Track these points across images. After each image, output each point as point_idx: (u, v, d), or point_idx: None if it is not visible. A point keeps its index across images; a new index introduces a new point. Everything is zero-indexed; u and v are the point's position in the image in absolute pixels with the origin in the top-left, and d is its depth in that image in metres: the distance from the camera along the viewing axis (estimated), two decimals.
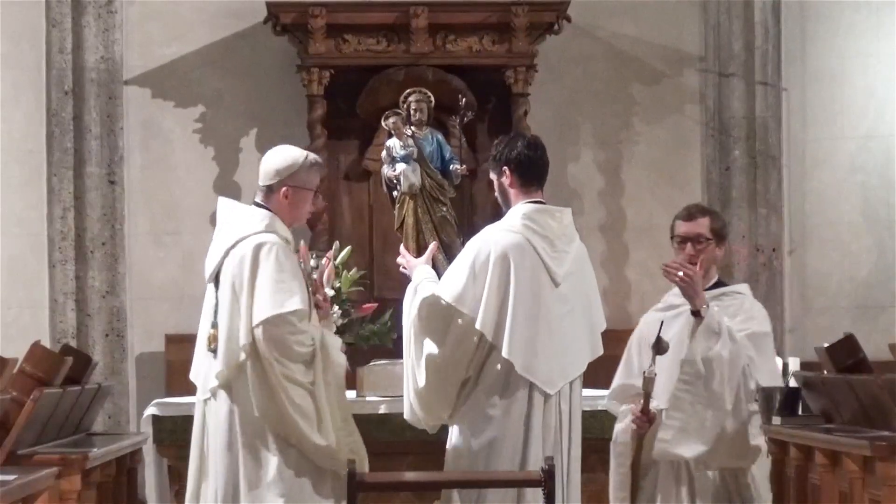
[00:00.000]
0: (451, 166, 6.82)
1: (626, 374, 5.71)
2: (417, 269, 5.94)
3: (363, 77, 9.11)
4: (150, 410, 7.74)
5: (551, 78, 9.52)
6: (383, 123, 7.06)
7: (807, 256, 9.68)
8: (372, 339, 8.25)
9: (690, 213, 5.70)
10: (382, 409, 7.48)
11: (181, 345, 8.54)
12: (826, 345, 7.26)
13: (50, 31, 9.37)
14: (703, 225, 5.64)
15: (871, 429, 6.58)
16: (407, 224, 6.45)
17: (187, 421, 6.89)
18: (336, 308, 8.14)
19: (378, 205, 9.39)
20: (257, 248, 5.53)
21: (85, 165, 9.40)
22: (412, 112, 7.02)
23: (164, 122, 9.58)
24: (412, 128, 7.14)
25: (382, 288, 9.25)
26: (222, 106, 9.57)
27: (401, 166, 6.49)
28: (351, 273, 8.33)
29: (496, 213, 9.34)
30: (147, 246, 9.56)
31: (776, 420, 7.47)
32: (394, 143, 6.81)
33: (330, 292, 8.04)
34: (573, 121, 9.71)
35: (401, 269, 6.15)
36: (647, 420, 5.46)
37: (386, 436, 7.19)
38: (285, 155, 5.75)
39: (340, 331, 8.13)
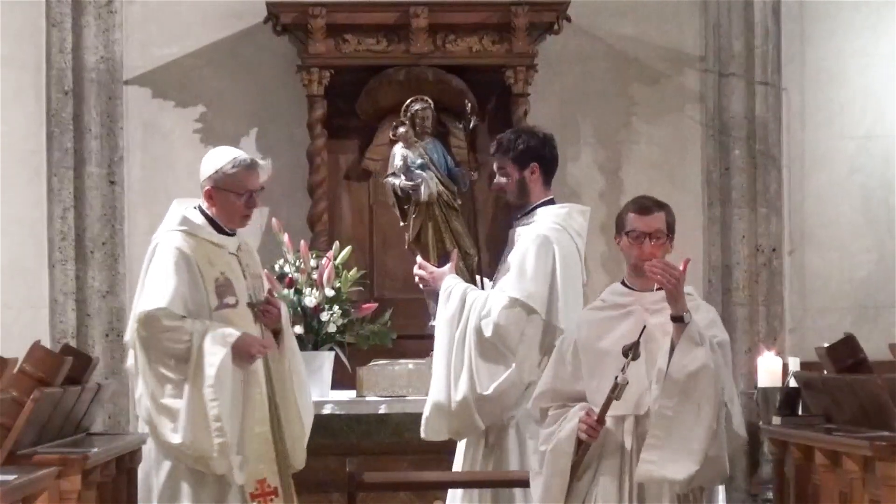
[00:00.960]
0: (461, 173, 6.72)
1: (558, 377, 5.31)
2: (448, 277, 5.97)
3: (363, 77, 9.11)
4: None
5: (551, 78, 9.52)
6: (392, 134, 6.86)
7: (807, 256, 9.68)
8: (372, 339, 8.26)
9: (646, 207, 5.24)
10: (382, 409, 7.50)
11: None
12: (826, 345, 7.26)
13: (50, 31, 9.37)
14: (659, 220, 5.23)
15: (871, 429, 6.57)
16: (427, 234, 6.26)
17: None
18: (336, 308, 8.16)
19: (378, 205, 9.39)
20: (153, 247, 5.93)
21: (85, 165, 9.40)
22: (418, 121, 6.83)
23: (164, 122, 9.58)
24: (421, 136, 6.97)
25: (382, 288, 9.25)
26: (222, 106, 9.57)
27: (421, 174, 6.34)
28: (351, 273, 8.34)
29: (496, 214, 9.39)
30: (147, 246, 9.51)
31: (776, 420, 7.47)
32: (405, 152, 6.66)
33: (330, 292, 8.07)
34: (573, 121, 9.71)
35: (418, 280, 6.10)
36: (598, 431, 5.08)
37: (386, 436, 7.21)
38: (211, 157, 6.06)
39: (340, 331, 8.15)
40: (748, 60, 9.68)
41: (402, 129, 6.73)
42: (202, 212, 6.05)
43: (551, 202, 6.25)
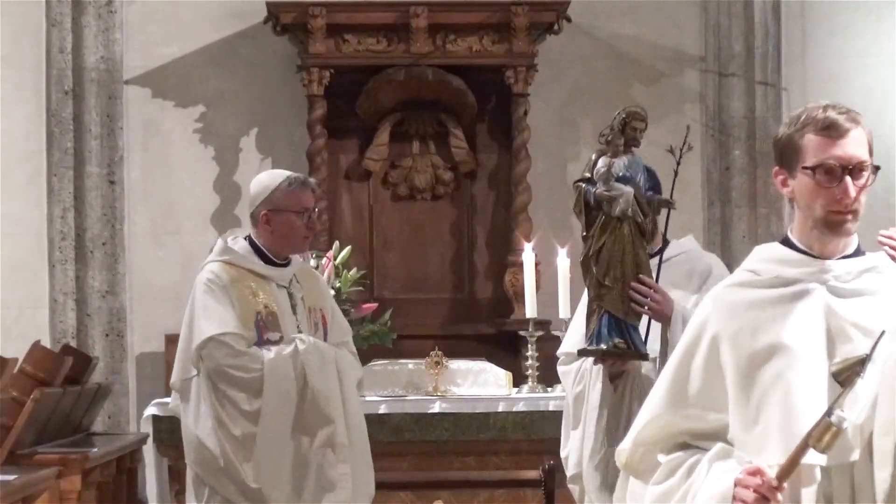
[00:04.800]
0: (657, 199, 5.87)
1: (675, 401, 3.14)
2: (676, 303, 5.36)
3: (363, 77, 9.10)
4: (150, 410, 7.75)
5: (551, 78, 9.52)
6: (601, 138, 6.10)
7: None
8: (372, 339, 8.26)
9: (838, 126, 3.36)
10: (382, 409, 7.49)
11: None
12: None
13: (50, 31, 9.37)
14: (859, 142, 3.50)
15: None
16: (609, 250, 5.43)
17: None
18: None
19: (378, 205, 9.40)
20: (196, 281, 5.61)
21: (85, 165, 9.40)
22: (629, 131, 6.13)
23: (164, 122, 9.58)
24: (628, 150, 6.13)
25: (382, 288, 9.26)
26: (222, 106, 9.57)
27: (622, 187, 5.63)
28: (351, 273, 8.34)
29: (496, 214, 9.40)
30: (147, 246, 9.55)
31: None
32: (610, 160, 5.91)
33: (331, 292, 8.07)
34: (573, 120, 9.71)
35: (647, 301, 5.30)
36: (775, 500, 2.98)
37: (386, 436, 7.19)
38: (262, 179, 5.72)
39: None
40: (748, 60, 9.68)
41: (613, 136, 6.02)
42: (251, 242, 5.67)
43: None
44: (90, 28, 9.42)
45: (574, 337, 5.52)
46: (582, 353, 5.30)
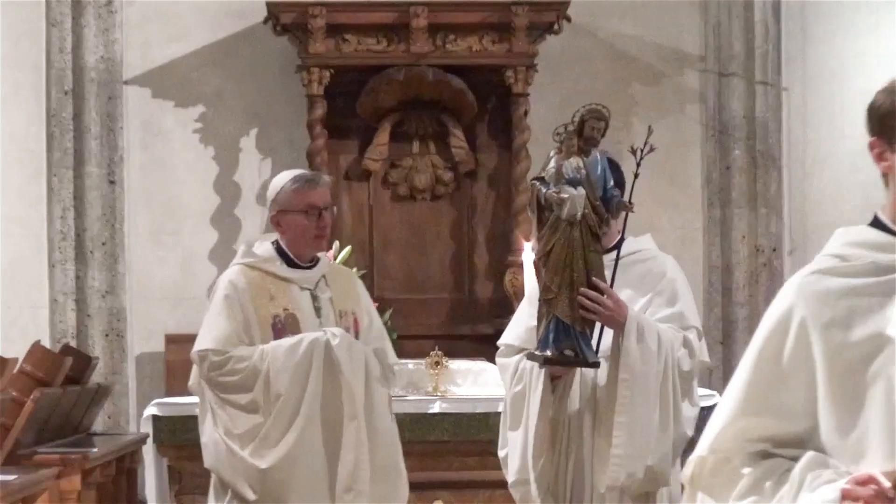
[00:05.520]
0: (617, 200, 5.61)
1: (764, 402, 2.69)
2: (630, 309, 5.17)
3: (363, 77, 9.10)
4: (150, 410, 7.75)
5: (551, 78, 9.52)
6: (556, 136, 5.80)
7: (807, 256, 9.65)
8: None
9: None
10: None
11: (181, 345, 8.52)
12: None
13: (50, 31, 9.37)
14: None
15: None
16: (557, 253, 5.21)
17: (187, 421, 6.91)
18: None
19: (378, 205, 9.40)
20: (217, 284, 5.55)
21: (85, 165, 9.40)
22: (587, 130, 5.83)
23: (164, 122, 9.58)
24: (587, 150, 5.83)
25: (382, 288, 9.25)
26: (222, 106, 9.57)
27: (571, 191, 5.34)
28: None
29: (496, 214, 9.40)
30: (147, 246, 9.55)
31: None
32: (561, 161, 5.64)
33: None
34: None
35: (584, 301, 5.13)
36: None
37: None
38: (273, 181, 5.64)
39: None
40: (748, 60, 9.68)
41: (567, 136, 5.72)
42: (277, 246, 5.56)
43: None
44: (90, 28, 9.42)
45: (516, 329, 5.39)
46: (530, 357, 5.16)
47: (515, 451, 5.24)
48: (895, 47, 9.38)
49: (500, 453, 5.36)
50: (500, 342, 5.44)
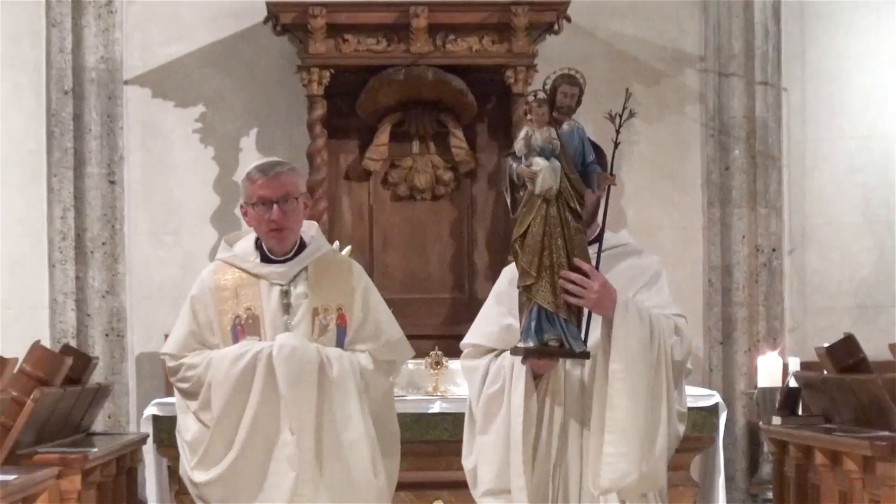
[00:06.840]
0: (596, 173, 5.13)
1: None
2: (620, 293, 4.76)
3: (363, 77, 9.10)
4: (150, 410, 7.75)
5: None
6: (525, 107, 5.20)
7: (807, 256, 9.68)
8: None
9: None
10: None
11: None
12: (826, 345, 7.26)
13: (50, 31, 9.37)
14: None
15: (871, 429, 6.58)
16: (533, 234, 4.74)
17: None
18: None
19: (378, 205, 9.40)
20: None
21: (85, 165, 9.40)
22: (560, 97, 5.37)
23: (164, 122, 9.58)
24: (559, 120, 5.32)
25: (382, 288, 9.19)
26: (222, 106, 9.57)
27: (541, 162, 4.83)
28: None
29: (496, 214, 9.39)
30: (147, 246, 9.56)
31: (776, 420, 7.47)
32: (531, 131, 5.03)
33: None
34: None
35: (567, 284, 4.68)
36: None
37: None
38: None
39: None
40: (748, 60, 9.68)
41: (534, 103, 5.10)
42: (256, 239, 5.31)
43: None
44: (90, 28, 9.42)
45: (484, 327, 5.01)
46: (514, 352, 4.72)
47: (490, 457, 4.83)
48: (895, 47, 9.39)
49: (466, 463, 4.94)
50: (463, 343, 5.05)
